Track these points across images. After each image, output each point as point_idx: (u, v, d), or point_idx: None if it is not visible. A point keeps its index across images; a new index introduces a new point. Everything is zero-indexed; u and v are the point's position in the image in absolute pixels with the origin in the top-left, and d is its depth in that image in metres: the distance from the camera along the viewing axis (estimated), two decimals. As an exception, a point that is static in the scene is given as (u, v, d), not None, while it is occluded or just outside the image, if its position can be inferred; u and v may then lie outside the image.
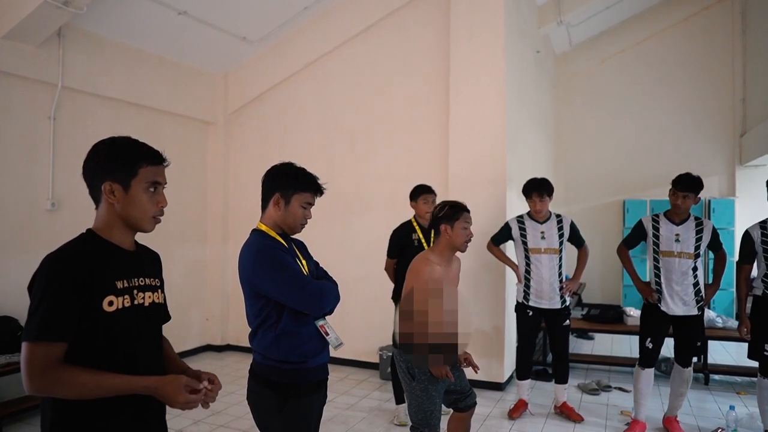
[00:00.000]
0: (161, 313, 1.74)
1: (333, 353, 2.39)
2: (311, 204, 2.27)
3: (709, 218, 8.53)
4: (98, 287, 1.50)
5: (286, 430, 2.17)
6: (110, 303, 1.51)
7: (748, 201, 8.49)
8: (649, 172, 8.87)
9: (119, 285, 1.55)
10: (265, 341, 2.17)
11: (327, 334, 2.27)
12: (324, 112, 6.40)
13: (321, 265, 2.44)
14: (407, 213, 4.56)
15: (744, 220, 8.18)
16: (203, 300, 6.75)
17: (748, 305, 3.93)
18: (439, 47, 5.70)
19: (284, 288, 2.10)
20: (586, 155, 9.67)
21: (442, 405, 2.98)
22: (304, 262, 2.29)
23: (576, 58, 9.76)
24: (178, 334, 6.23)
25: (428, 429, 2.88)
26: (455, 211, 2.88)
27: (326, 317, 2.31)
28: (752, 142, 8.22)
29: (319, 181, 2.28)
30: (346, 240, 6.15)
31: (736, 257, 4.02)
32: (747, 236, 3.89)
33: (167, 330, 1.79)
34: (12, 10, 4.37)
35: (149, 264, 1.74)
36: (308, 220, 2.30)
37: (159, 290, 1.72)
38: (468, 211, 2.96)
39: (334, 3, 6.09)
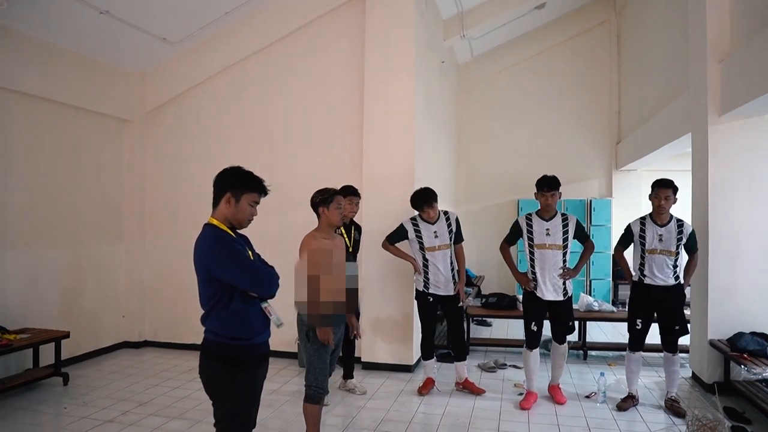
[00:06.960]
0: None
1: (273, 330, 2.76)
2: (257, 203, 2.63)
3: (590, 217, 9.61)
4: None
5: (237, 397, 2.52)
6: None
7: (622, 200, 9.73)
8: (540, 174, 9.69)
9: None
10: (218, 321, 2.50)
11: (270, 315, 2.65)
12: (243, 113, 6.59)
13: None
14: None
15: (619, 217, 9.30)
16: (119, 297, 6.70)
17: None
18: (355, 57, 6.12)
19: (238, 273, 2.45)
20: (485, 158, 10.51)
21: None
22: (249, 252, 2.64)
23: (476, 68, 10.58)
24: (93, 332, 6.21)
25: (316, 384, 3.51)
26: (328, 195, 3.58)
27: (269, 300, 2.68)
28: (625, 150, 9.40)
29: (264, 183, 2.64)
30: (263, 237, 6.34)
31: (613, 249, 4.83)
32: (629, 228, 4.74)
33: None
34: (-74, 4, 4.30)
35: None
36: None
37: None
38: (339, 194, 3.64)
39: (254, 9, 6.32)
